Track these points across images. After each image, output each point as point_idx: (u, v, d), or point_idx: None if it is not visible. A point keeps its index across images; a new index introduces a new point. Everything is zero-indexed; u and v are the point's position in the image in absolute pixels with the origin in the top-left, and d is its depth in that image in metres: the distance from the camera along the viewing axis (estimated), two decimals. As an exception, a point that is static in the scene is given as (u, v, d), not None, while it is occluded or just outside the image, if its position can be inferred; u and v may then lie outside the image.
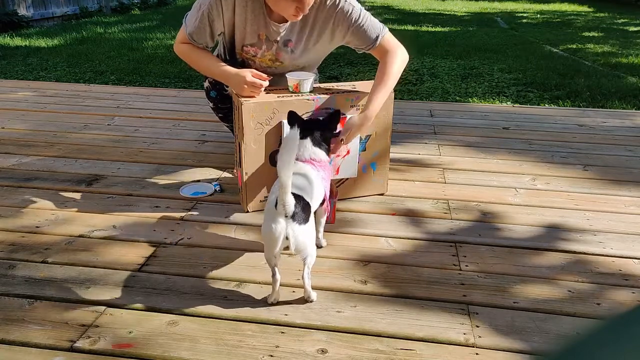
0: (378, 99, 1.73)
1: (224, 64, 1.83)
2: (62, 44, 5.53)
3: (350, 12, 1.77)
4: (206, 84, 2.07)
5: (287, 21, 1.80)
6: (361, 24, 1.78)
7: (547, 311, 1.36)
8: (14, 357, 1.18)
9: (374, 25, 1.79)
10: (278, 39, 1.84)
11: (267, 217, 1.30)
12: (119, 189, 2.03)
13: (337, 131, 1.68)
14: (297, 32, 1.83)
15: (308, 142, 1.56)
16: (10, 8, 6.50)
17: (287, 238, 1.26)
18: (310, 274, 1.35)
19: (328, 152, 1.61)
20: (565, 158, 2.44)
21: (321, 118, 1.67)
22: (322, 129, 1.60)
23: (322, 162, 1.56)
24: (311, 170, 1.48)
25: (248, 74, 1.74)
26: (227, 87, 1.97)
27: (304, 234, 1.29)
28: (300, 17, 1.71)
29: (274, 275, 1.34)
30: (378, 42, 1.79)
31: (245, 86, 1.73)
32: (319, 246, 1.60)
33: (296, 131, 1.23)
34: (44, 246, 1.63)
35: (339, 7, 1.77)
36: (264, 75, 1.77)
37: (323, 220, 1.61)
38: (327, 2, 1.76)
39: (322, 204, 1.52)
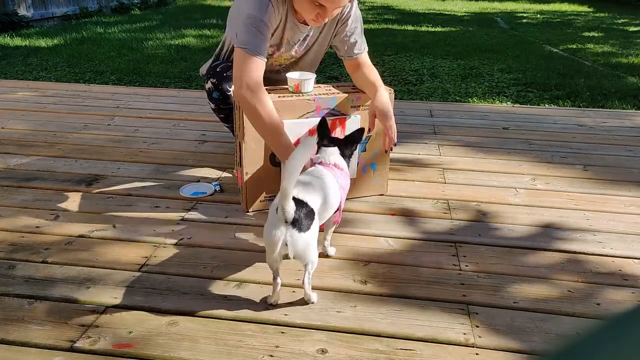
0: (380, 82, 1.83)
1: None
2: (62, 44, 5.53)
3: (357, 16, 1.87)
4: (208, 84, 2.03)
5: None
6: (359, 31, 1.88)
7: (547, 311, 1.36)
8: (13, 357, 1.18)
9: (363, 38, 1.91)
10: (301, 38, 1.86)
11: (269, 221, 1.27)
12: (119, 189, 2.03)
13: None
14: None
15: (335, 150, 1.55)
16: (10, 8, 6.50)
17: (286, 244, 1.24)
18: (311, 279, 1.33)
19: (348, 166, 1.59)
20: (565, 158, 2.44)
21: (348, 134, 1.62)
22: (349, 144, 1.58)
23: (344, 171, 1.53)
24: (330, 177, 1.45)
25: None
26: (230, 87, 1.97)
27: (304, 242, 1.25)
28: (319, 24, 1.71)
29: (275, 279, 1.33)
30: (363, 53, 1.90)
31: None
32: (326, 255, 1.57)
33: (314, 138, 1.23)
34: (44, 246, 1.63)
35: (352, 8, 1.84)
36: None
37: (332, 230, 1.58)
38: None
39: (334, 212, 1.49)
